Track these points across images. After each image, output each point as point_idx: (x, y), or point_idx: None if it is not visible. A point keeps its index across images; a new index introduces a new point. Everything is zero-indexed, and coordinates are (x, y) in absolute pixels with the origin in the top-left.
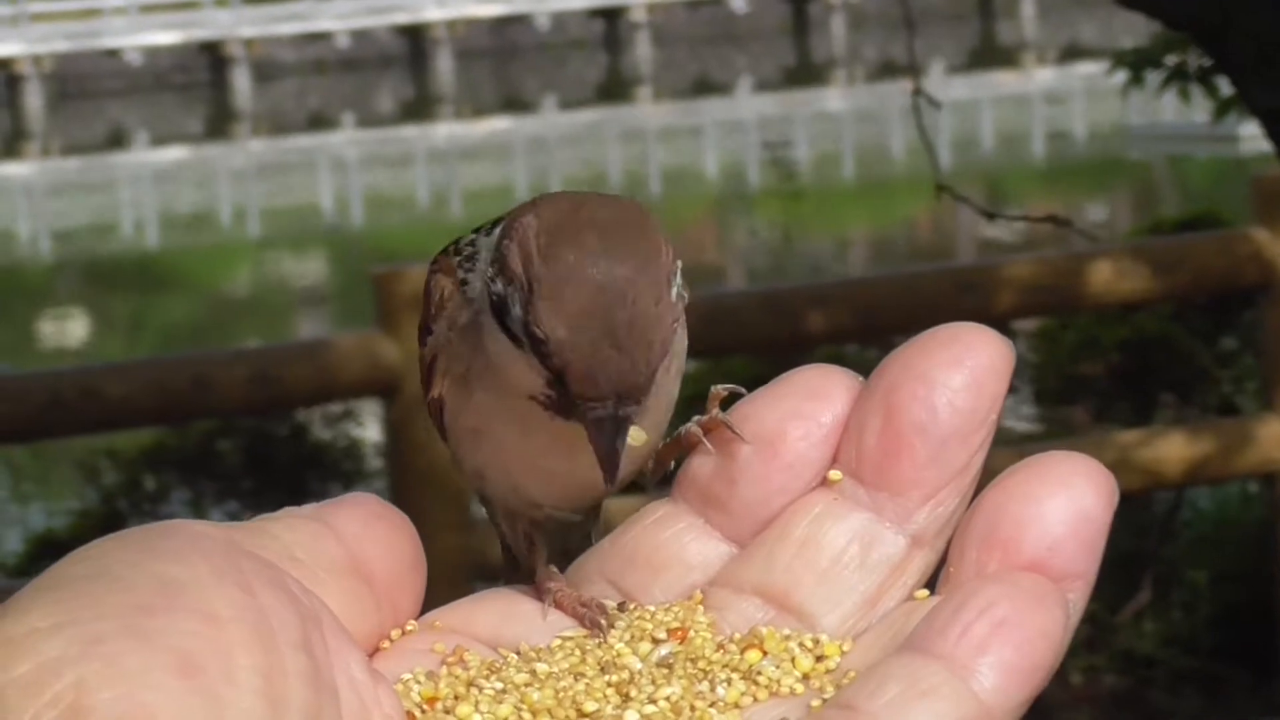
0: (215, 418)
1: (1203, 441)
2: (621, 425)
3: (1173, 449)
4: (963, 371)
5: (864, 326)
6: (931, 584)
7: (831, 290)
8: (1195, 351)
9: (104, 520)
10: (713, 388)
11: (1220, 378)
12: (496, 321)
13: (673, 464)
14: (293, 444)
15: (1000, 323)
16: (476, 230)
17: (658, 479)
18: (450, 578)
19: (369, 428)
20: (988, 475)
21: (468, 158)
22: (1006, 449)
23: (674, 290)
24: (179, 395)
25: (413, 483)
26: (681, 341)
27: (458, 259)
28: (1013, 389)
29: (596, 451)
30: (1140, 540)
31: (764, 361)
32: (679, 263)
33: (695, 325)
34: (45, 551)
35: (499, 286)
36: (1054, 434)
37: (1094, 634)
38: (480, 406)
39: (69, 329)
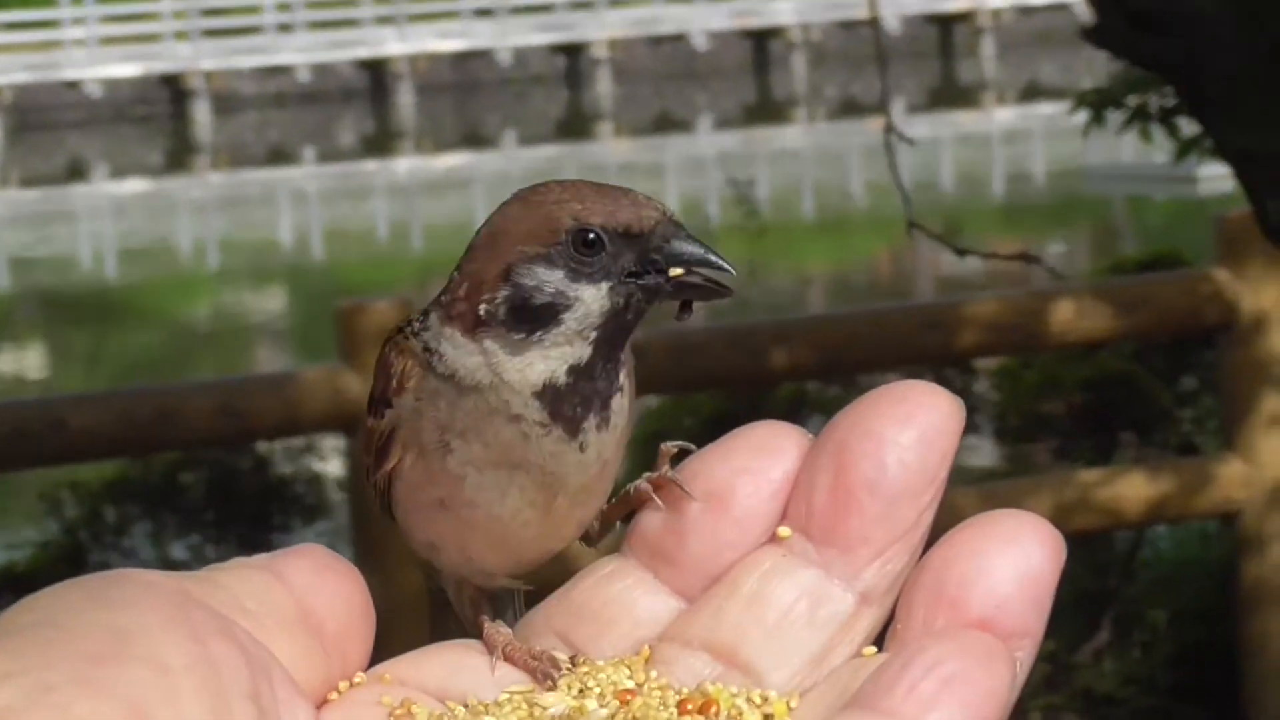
0: (179, 450)
1: (1163, 481)
2: (678, 231)
3: (1133, 488)
4: (913, 429)
5: (827, 363)
6: (880, 641)
7: (795, 327)
8: (1156, 391)
9: (66, 552)
10: (662, 445)
11: (1181, 417)
12: (512, 313)
13: (618, 523)
14: (255, 477)
15: (962, 360)
16: (420, 312)
17: (604, 538)
18: (412, 614)
19: (330, 462)
20: (948, 512)
21: (428, 192)
22: (967, 486)
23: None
24: (143, 427)
25: (375, 518)
26: (629, 412)
27: (416, 343)
28: (974, 427)
29: (699, 267)
30: (1100, 579)
31: (728, 397)
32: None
33: (659, 361)
34: (5, 584)
35: (504, 291)
36: (1015, 472)
37: (1054, 673)
38: (450, 475)
39: (29, 361)
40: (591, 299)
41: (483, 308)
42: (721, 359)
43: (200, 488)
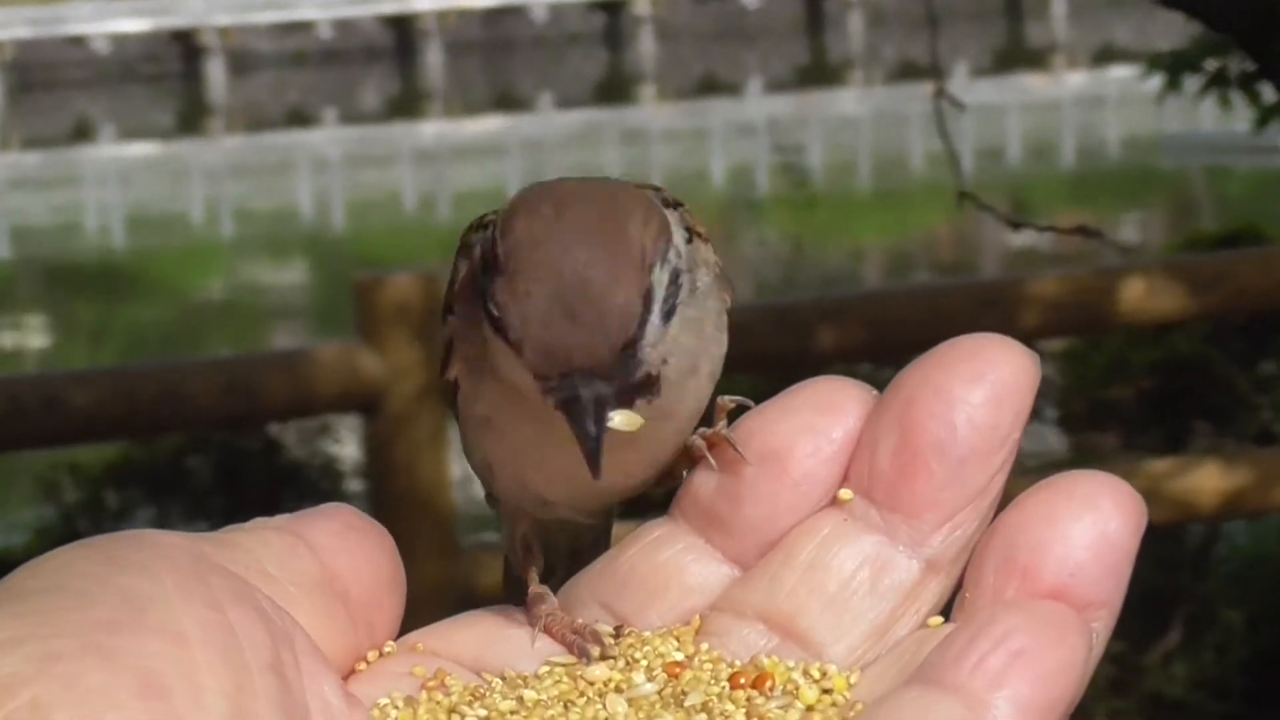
0: (185, 431)
1: (1239, 472)
2: (597, 407)
3: (1207, 479)
4: (984, 387)
5: (878, 343)
6: (947, 611)
7: (845, 304)
8: (1232, 376)
9: (63, 539)
10: (720, 399)
11: (1259, 404)
12: (480, 307)
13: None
14: (266, 460)
15: (1024, 342)
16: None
17: (666, 486)
18: (433, 608)
19: (347, 444)
20: (1006, 502)
21: (457, 158)
22: (1028, 477)
23: (659, 270)
24: (147, 406)
25: (393, 505)
26: (719, 345)
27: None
28: (1037, 413)
29: (576, 438)
30: (1171, 576)
31: (772, 379)
32: (676, 245)
33: None
34: (1, 572)
35: (482, 274)
36: (1079, 461)
37: (1120, 675)
38: (490, 395)
39: (28, 335)
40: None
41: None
42: (766, 339)
43: (207, 471)
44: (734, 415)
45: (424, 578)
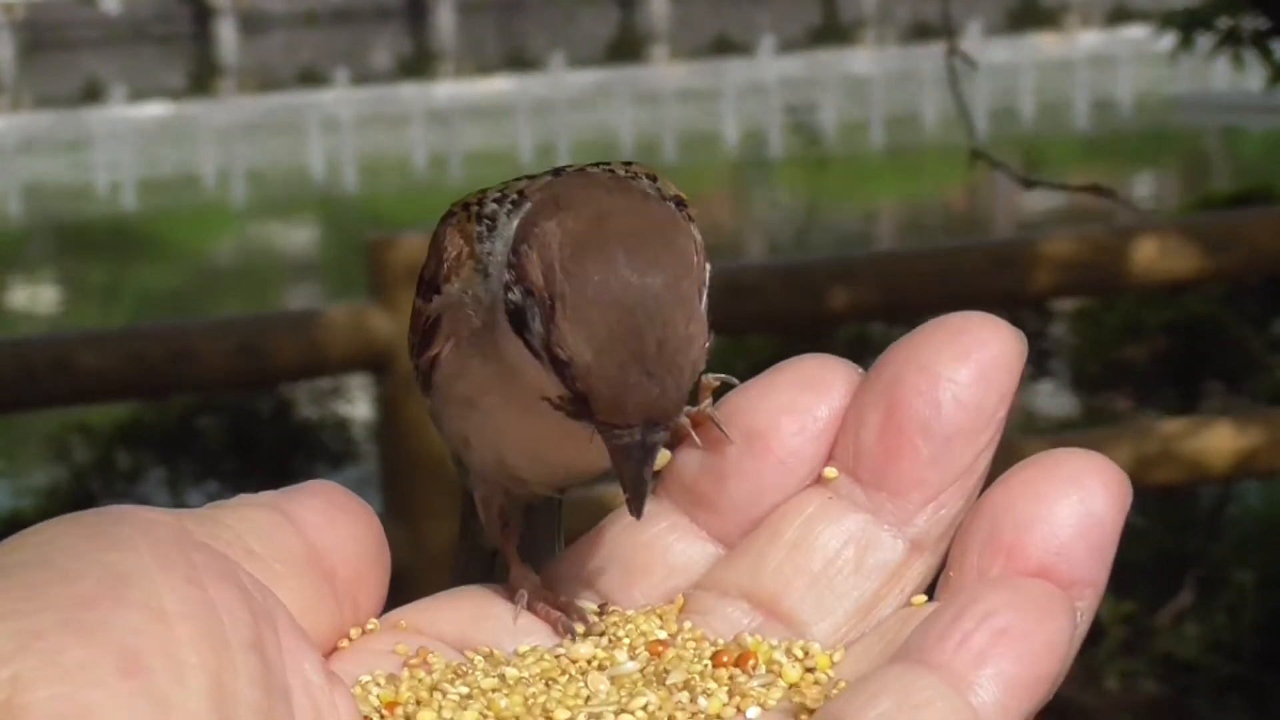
0: (195, 392)
1: (1252, 432)
2: (650, 452)
3: (1220, 440)
4: (970, 365)
5: (891, 304)
6: (931, 590)
7: (858, 265)
8: (1246, 336)
9: (75, 499)
10: (704, 377)
11: (1272, 364)
12: (513, 328)
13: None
14: (278, 422)
15: (1038, 302)
16: (498, 193)
17: None
18: (442, 570)
19: (359, 405)
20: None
21: (469, 119)
22: (1041, 438)
23: (704, 301)
24: (157, 368)
25: (405, 466)
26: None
27: (477, 228)
28: (1050, 373)
29: (622, 479)
30: (1183, 537)
31: (784, 340)
32: (708, 267)
33: (712, 301)
34: (11, 534)
35: (516, 295)
36: (1092, 421)
37: (1132, 636)
38: (479, 378)
39: (39, 296)
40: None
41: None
42: (778, 299)
43: (218, 433)
44: (718, 393)
45: (436, 538)
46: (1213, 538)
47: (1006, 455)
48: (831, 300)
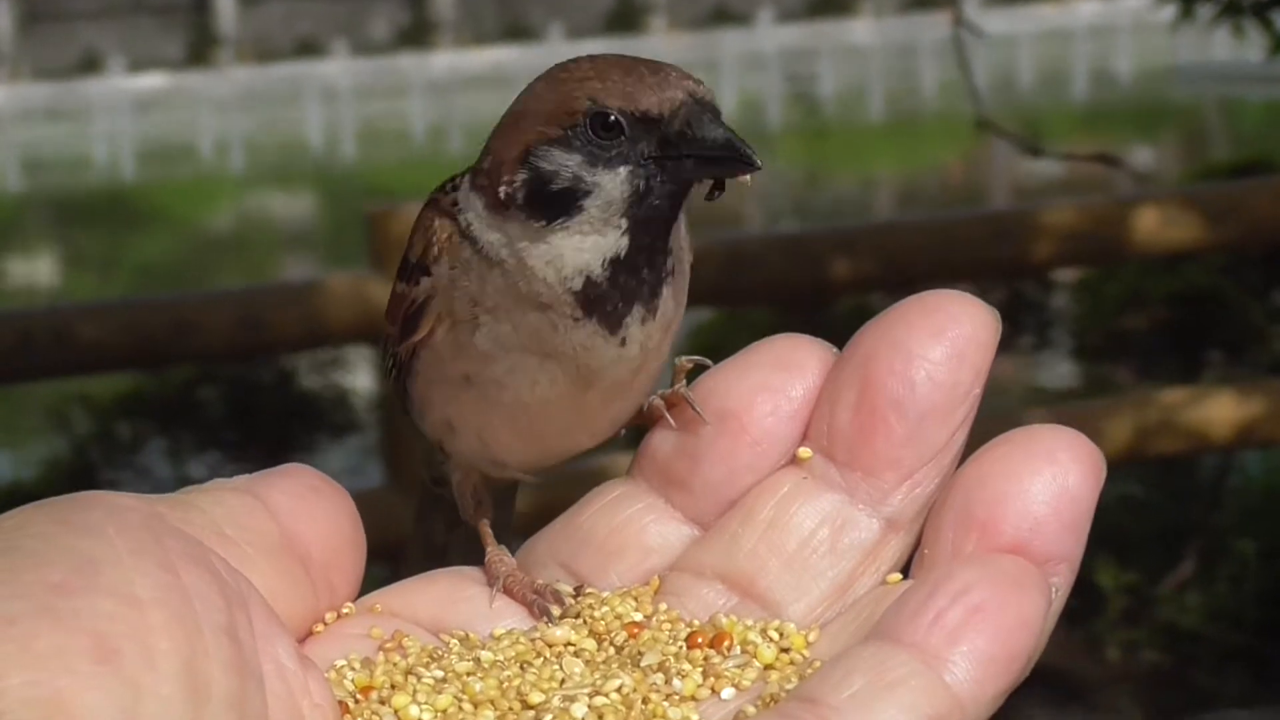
0: (196, 363)
1: (1253, 402)
2: (717, 113)
3: (1221, 410)
4: (944, 343)
5: (892, 274)
6: (907, 568)
7: (857, 235)
8: (1247, 306)
9: (75, 470)
10: (678, 359)
11: (1274, 335)
12: (531, 199)
13: (622, 432)
14: (278, 392)
15: (1038, 272)
16: (457, 176)
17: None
18: None
19: (359, 375)
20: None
21: (468, 89)
22: (1043, 408)
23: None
24: (158, 339)
25: (407, 436)
26: (678, 309)
27: (454, 206)
28: (1050, 343)
29: (717, 151)
30: (1184, 507)
31: (785, 311)
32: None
33: (711, 272)
34: (12, 505)
35: (522, 174)
36: (1093, 392)
37: (1133, 606)
38: (482, 352)
39: (38, 267)
40: (611, 184)
41: (503, 190)
42: (778, 270)
43: (219, 404)
44: (692, 375)
45: None
46: (1214, 508)
47: (1007, 427)
48: (832, 271)
